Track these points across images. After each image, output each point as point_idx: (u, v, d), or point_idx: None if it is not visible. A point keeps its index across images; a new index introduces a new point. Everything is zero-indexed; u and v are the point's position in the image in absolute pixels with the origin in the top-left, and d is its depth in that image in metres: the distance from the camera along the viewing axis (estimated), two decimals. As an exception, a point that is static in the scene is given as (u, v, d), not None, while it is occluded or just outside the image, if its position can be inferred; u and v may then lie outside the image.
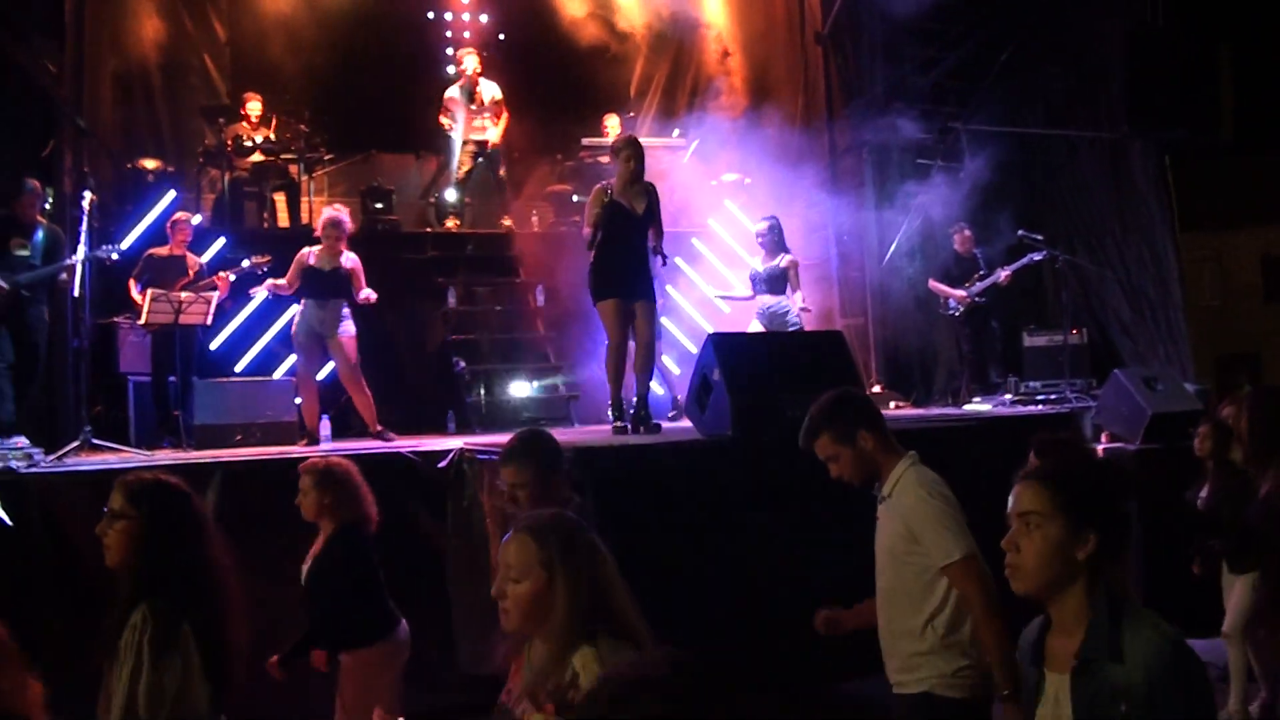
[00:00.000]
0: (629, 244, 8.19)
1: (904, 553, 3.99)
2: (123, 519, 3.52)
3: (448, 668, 6.79)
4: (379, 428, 9.07)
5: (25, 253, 8.57)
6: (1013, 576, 2.87)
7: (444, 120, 12.15)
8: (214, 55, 12.74)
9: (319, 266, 8.99)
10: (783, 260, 10.55)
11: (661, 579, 4.79)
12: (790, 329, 10.35)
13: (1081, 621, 2.78)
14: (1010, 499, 2.91)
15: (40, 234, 8.69)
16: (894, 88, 12.47)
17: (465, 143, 12.07)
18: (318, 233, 9.15)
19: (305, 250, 9.09)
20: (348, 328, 9.03)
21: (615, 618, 2.93)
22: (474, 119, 12.12)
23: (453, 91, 12.22)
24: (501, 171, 12.35)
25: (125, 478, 3.62)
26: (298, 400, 9.24)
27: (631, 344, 8.37)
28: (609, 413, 8.46)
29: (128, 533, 3.51)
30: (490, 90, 12.28)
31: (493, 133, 12.18)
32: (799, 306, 10.55)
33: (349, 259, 9.07)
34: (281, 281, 9.12)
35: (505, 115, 12.27)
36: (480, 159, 12.15)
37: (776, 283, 10.53)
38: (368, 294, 9.03)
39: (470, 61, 12.28)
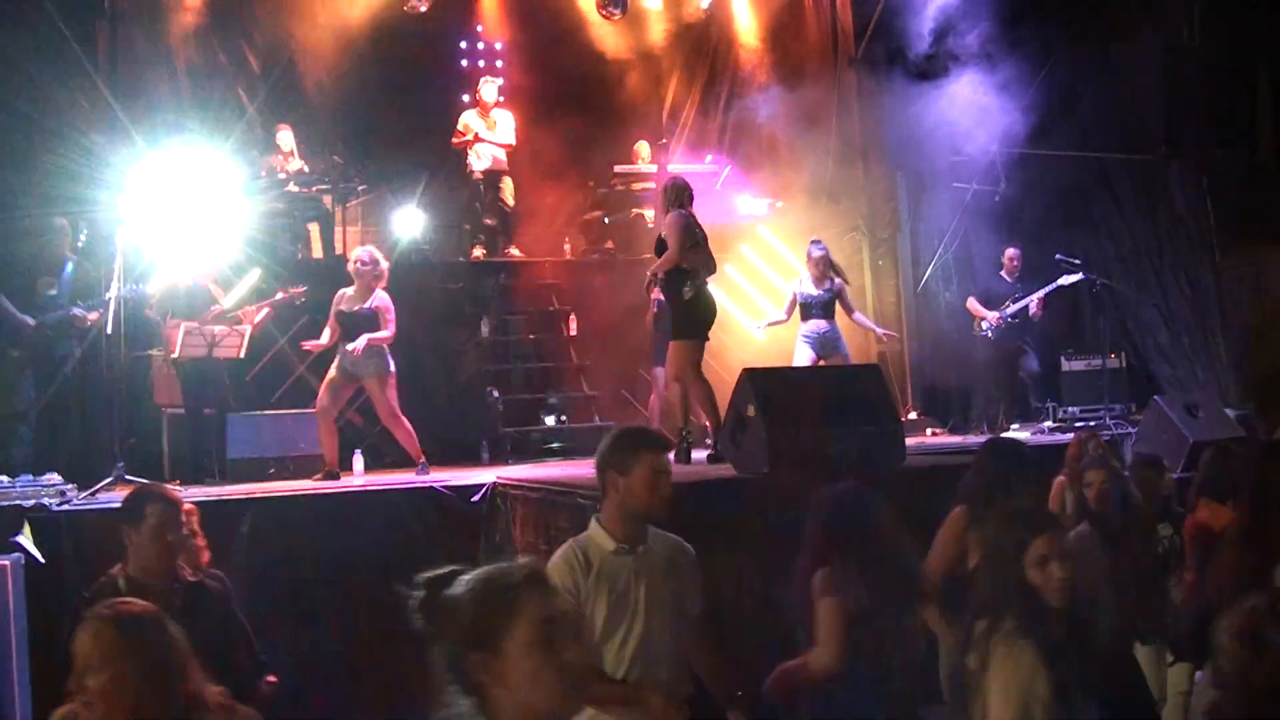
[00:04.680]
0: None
1: None
2: None
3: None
4: (422, 460, 8.89)
5: (53, 292, 8.62)
6: None
7: (456, 143, 12.21)
8: (246, 88, 12.76)
9: (345, 308, 8.82)
10: (835, 284, 10.48)
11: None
12: (841, 354, 10.33)
13: None
14: None
15: (69, 272, 8.71)
16: (928, 112, 12.37)
17: (480, 173, 12.12)
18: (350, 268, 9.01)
19: (339, 293, 8.95)
20: (381, 366, 8.77)
21: None
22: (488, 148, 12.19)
23: (468, 118, 12.26)
24: (510, 202, 12.34)
25: None
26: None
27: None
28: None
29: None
30: (505, 120, 12.31)
31: (501, 158, 12.21)
32: (881, 332, 11.03)
33: (378, 298, 8.81)
34: (322, 341, 8.96)
35: (513, 140, 12.29)
36: (490, 187, 12.20)
37: (830, 308, 10.46)
38: (355, 346, 8.54)
39: (488, 91, 12.33)
